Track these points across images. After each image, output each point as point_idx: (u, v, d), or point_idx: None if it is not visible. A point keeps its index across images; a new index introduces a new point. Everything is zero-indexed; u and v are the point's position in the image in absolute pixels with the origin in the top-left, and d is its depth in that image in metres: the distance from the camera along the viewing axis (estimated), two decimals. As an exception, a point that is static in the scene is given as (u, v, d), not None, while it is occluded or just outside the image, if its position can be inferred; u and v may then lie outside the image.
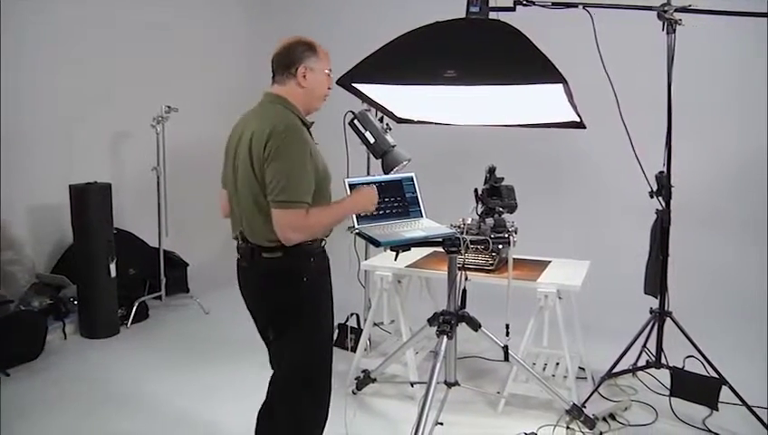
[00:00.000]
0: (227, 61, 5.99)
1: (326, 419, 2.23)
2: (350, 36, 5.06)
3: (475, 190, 2.92)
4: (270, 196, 1.90)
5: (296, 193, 1.88)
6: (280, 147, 1.89)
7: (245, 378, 3.32)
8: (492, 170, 2.93)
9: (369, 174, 3.70)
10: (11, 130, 4.10)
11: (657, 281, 3.03)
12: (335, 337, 3.92)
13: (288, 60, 2.05)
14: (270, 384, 2.23)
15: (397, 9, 4.94)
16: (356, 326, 3.84)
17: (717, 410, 2.87)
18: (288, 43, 2.08)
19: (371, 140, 2.59)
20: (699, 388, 2.89)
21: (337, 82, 2.27)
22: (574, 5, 2.64)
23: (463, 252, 2.61)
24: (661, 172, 2.96)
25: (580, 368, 3.37)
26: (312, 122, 2.12)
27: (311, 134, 2.08)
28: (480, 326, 2.76)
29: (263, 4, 6.16)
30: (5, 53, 4.04)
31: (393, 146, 2.60)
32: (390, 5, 5.20)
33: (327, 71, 2.12)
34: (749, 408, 2.80)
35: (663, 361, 3.07)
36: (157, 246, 4.70)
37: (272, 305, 2.06)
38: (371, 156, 3.10)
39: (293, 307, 2.04)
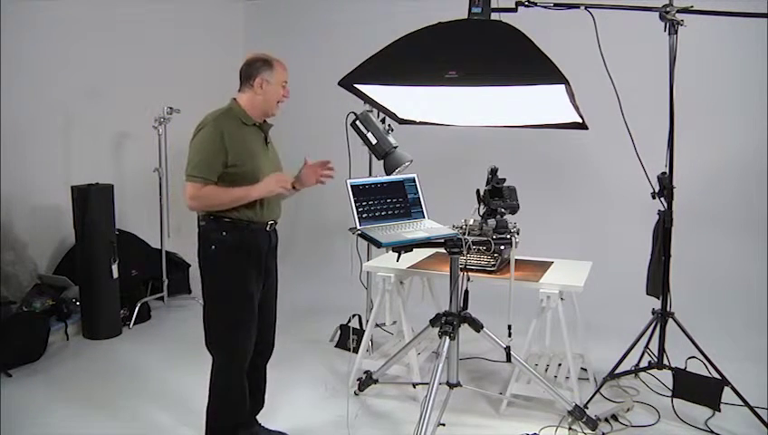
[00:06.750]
0: (229, 62, 5.97)
1: (239, 390, 2.44)
2: (352, 37, 5.09)
3: (477, 191, 2.92)
4: None
5: (193, 169, 2.28)
6: (194, 134, 2.34)
7: (247, 379, 3.32)
8: (494, 171, 2.93)
9: (371, 175, 3.70)
10: (12, 131, 4.10)
11: (659, 282, 3.03)
12: (337, 337, 3.94)
13: (248, 73, 2.42)
14: None
15: (399, 10, 4.95)
16: (358, 327, 3.85)
17: (719, 410, 2.87)
18: (249, 60, 2.44)
19: (373, 141, 2.60)
20: (701, 389, 2.89)
21: (339, 84, 2.28)
22: (576, 6, 2.65)
23: (465, 253, 2.61)
24: (663, 173, 2.96)
25: (582, 369, 3.37)
26: (264, 123, 2.47)
27: (263, 131, 2.46)
28: (482, 327, 2.76)
29: (264, 4, 6.17)
30: (6, 53, 4.04)
31: (395, 147, 2.61)
32: (392, 6, 5.20)
33: (283, 82, 2.43)
34: (751, 409, 2.80)
35: (665, 361, 3.07)
36: (159, 247, 4.71)
37: (199, 263, 2.43)
38: (373, 157, 3.11)
39: (204, 269, 2.42)
